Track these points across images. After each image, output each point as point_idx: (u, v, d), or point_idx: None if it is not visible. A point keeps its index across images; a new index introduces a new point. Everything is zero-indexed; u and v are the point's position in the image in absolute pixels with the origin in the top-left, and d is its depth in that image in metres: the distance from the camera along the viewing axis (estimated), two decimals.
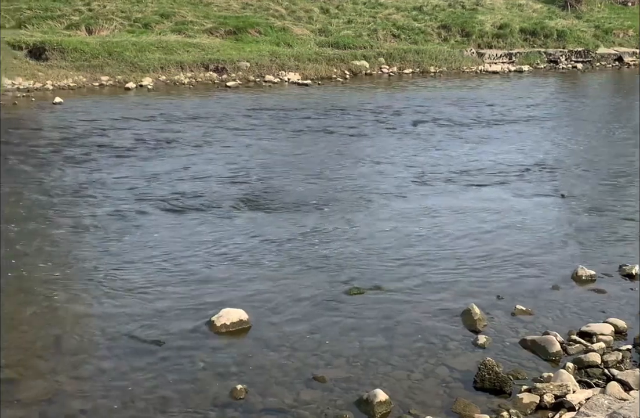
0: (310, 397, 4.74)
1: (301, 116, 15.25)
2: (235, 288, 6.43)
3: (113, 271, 6.76)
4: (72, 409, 4.59)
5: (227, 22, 23.79)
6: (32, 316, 5.86)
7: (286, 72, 21.09)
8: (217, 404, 4.66)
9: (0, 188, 9.43)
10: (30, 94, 17.39)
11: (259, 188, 9.60)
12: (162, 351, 5.32)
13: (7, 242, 7.46)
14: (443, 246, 7.51)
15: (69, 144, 12.20)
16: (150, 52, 20.61)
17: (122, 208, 8.66)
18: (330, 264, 6.99)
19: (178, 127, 13.76)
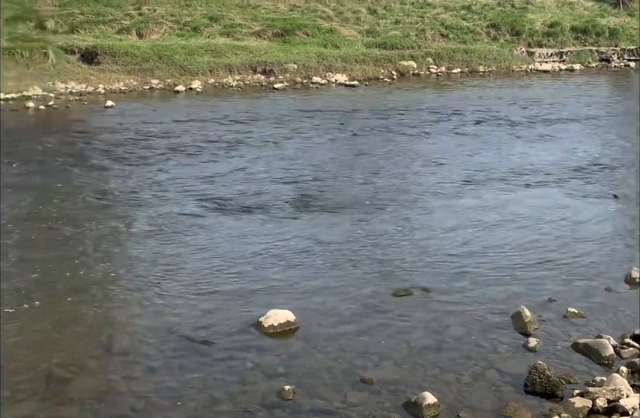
0: (358, 399, 4.73)
1: (351, 116, 15.23)
2: (283, 289, 6.45)
3: (165, 271, 6.84)
4: (124, 408, 4.65)
5: (274, 24, 23.91)
6: (85, 315, 5.95)
7: (333, 74, 21.10)
8: (266, 404, 4.68)
9: (55, 190, 9.62)
10: (83, 98, 17.69)
11: (312, 189, 9.61)
12: (211, 351, 5.37)
13: (65, 242, 7.60)
14: (494, 247, 7.42)
15: (121, 146, 12.37)
16: (199, 56, 20.81)
17: (177, 209, 8.76)
18: (378, 265, 6.97)
19: (229, 129, 13.85)
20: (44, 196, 9.41)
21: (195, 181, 10.04)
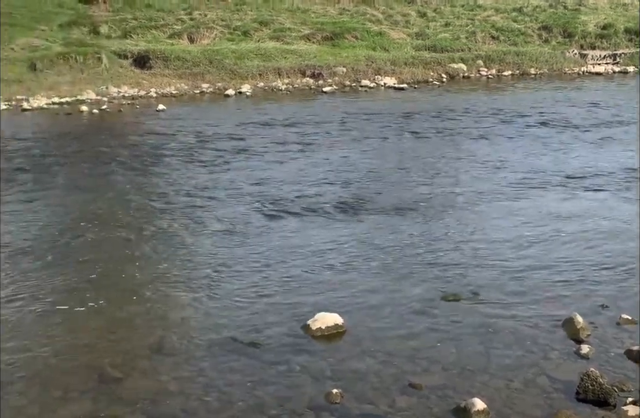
0: (406, 403, 4.70)
1: (402, 119, 15.18)
2: (331, 292, 6.45)
3: (217, 272, 6.90)
4: (174, 408, 4.70)
5: (324, 28, 23.97)
6: (138, 316, 6.04)
7: (382, 77, 21.07)
8: (313, 407, 4.69)
9: (111, 192, 9.79)
10: (135, 102, 17.97)
11: (364, 192, 9.61)
12: (260, 353, 5.40)
13: (121, 244, 7.72)
14: (546, 252, 7.32)
15: (174, 149, 12.53)
16: (249, 60, 20.97)
17: (230, 211, 8.83)
18: (429, 269, 6.93)
19: (279, 132, 13.92)
20: (100, 198, 9.58)
21: (248, 184, 10.12)
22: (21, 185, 10.21)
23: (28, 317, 5.97)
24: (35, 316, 5.99)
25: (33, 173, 10.89)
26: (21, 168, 11.18)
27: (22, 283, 6.64)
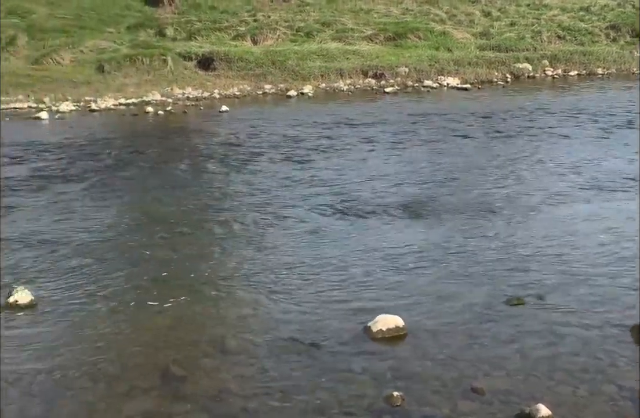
0: (469, 408, 4.64)
1: (469, 119, 15.05)
2: (392, 295, 6.42)
3: (277, 273, 6.94)
4: (235, 407, 4.73)
5: (386, 28, 23.91)
6: (200, 315, 6.11)
7: (445, 77, 20.90)
8: (373, 410, 4.66)
9: (175, 191, 9.94)
10: (199, 103, 18.21)
11: (426, 193, 9.55)
12: (320, 354, 5.40)
13: (184, 243, 7.83)
14: (613, 256, 7.15)
15: (237, 150, 12.66)
16: (312, 60, 21.05)
17: (289, 212, 8.87)
18: (492, 272, 6.83)
19: (342, 133, 13.95)
20: (164, 196, 9.74)
21: (316, 184, 10.17)
22: (89, 185, 10.44)
23: (96, 314, 6.10)
24: (102, 314, 6.11)
25: (100, 173, 11.13)
26: (88, 169, 11.44)
27: (90, 281, 6.79)
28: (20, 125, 15.57)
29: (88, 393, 4.90)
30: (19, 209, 9.16)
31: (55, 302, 6.31)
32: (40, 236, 8.07)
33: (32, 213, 9.04)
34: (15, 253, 7.55)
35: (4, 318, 6.03)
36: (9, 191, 10.07)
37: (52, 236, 8.05)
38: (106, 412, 4.68)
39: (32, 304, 6.22)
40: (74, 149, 12.89)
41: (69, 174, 11.02)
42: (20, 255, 7.47)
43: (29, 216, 8.88)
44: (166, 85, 19.31)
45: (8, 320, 6.00)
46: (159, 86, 19.21)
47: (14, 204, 9.38)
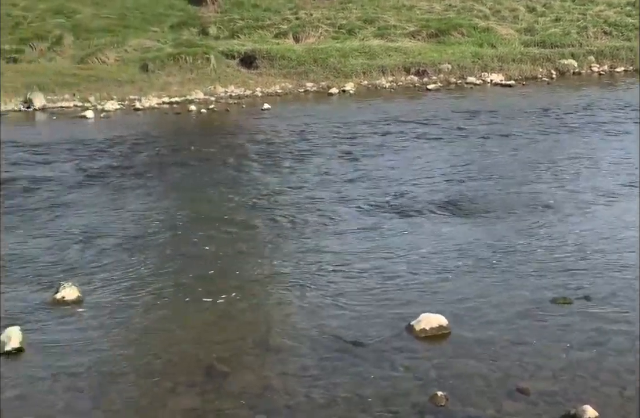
0: (514, 409, 4.59)
1: (513, 116, 14.89)
2: (435, 293, 6.38)
3: (320, 270, 6.95)
4: (278, 404, 4.75)
5: (429, 24, 23.75)
6: (243, 312, 6.15)
7: (489, 73, 20.71)
8: (417, 409, 4.64)
9: (217, 189, 10.02)
10: (241, 101, 18.30)
11: (468, 191, 9.48)
12: (363, 352, 5.39)
13: (226, 240, 7.88)
14: None
15: (279, 147, 12.71)
16: (353, 58, 21.01)
17: (336, 209, 8.87)
18: (536, 271, 6.75)
19: (382, 130, 13.90)
20: (211, 194, 9.81)
21: (358, 182, 10.16)
22: (136, 183, 10.57)
23: (141, 311, 6.18)
24: (148, 310, 6.19)
25: (146, 171, 11.25)
26: (134, 167, 11.57)
27: (136, 277, 6.87)
28: (67, 124, 15.81)
29: (133, 388, 4.97)
30: (65, 206, 9.30)
31: (101, 298, 6.40)
32: (87, 233, 8.19)
33: (78, 209, 9.17)
34: (62, 249, 7.67)
35: (54, 312, 6.13)
36: (56, 188, 10.23)
37: (99, 233, 8.17)
38: (151, 408, 4.74)
39: (79, 300, 6.32)
40: (120, 147, 13.05)
41: (115, 172, 11.16)
42: (67, 251, 7.59)
43: (76, 213, 9.01)
44: (209, 83, 19.44)
45: (56, 316, 6.10)
46: (201, 84, 19.34)
47: (61, 201, 9.53)
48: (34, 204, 9.46)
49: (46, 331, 5.81)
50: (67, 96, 18.10)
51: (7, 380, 5.09)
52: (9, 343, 5.45)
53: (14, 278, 6.90)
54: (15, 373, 5.18)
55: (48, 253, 7.57)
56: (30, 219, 8.80)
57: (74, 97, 18.09)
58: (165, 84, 19.15)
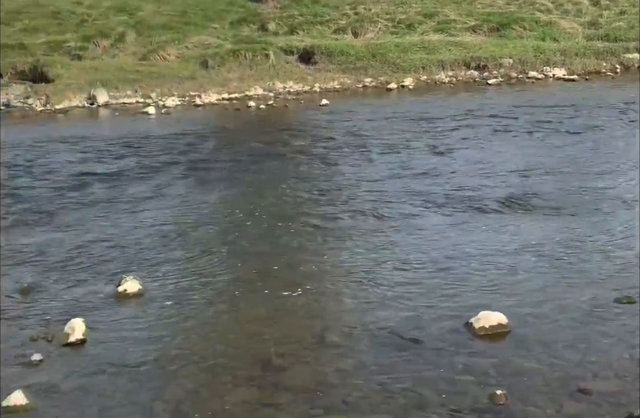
0: (575, 410, 4.51)
1: (578, 111, 14.59)
2: (494, 291, 6.31)
3: (377, 266, 6.93)
4: (335, 400, 4.76)
5: (490, 19, 23.42)
6: (301, 307, 6.17)
7: (551, 68, 20.35)
8: (476, 408, 4.60)
9: (274, 185, 10.08)
10: (300, 97, 18.35)
11: (527, 188, 9.32)
12: (420, 349, 5.36)
13: (281, 236, 7.92)
14: None
15: (338, 143, 12.69)
16: (412, 53, 20.85)
17: (389, 205, 8.83)
18: (599, 269, 6.62)
19: (446, 124, 13.77)
20: (270, 189, 9.87)
21: (407, 177, 10.08)
22: (196, 178, 10.70)
23: (200, 304, 6.25)
24: (207, 304, 6.26)
25: (206, 166, 11.37)
26: (195, 162, 11.71)
27: (196, 271, 6.96)
28: (129, 120, 16.09)
29: (192, 381, 5.03)
30: (129, 201, 9.47)
31: (162, 292, 6.51)
32: (150, 226, 8.32)
33: (142, 204, 9.33)
34: (125, 242, 7.81)
35: (116, 305, 6.26)
36: (120, 183, 10.43)
37: (159, 228, 8.29)
38: (210, 401, 4.79)
39: (140, 293, 6.43)
40: (182, 142, 13.22)
41: (178, 167, 11.31)
42: (130, 244, 7.73)
43: (140, 207, 9.17)
44: (268, 79, 19.53)
45: (118, 308, 6.22)
46: (260, 80, 19.45)
47: (125, 196, 9.70)
48: (97, 198, 9.65)
49: (108, 323, 5.93)
50: (129, 92, 18.40)
51: (70, 371, 5.21)
52: (73, 335, 5.58)
53: (78, 270, 7.06)
54: (78, 364, 5.30)
55: (111, 246, 7.72)
56: (94, 213, 8.99)
57: (136, 94, 18.38)
58: (225, 80, 19.31)
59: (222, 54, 20.19)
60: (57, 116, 16.98)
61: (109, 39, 21.30)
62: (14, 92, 18.25)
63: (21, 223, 8.67)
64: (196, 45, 21.29)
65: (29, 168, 11.47)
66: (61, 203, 9.48)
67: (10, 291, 6.61)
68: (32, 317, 6.06)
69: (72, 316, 5.85)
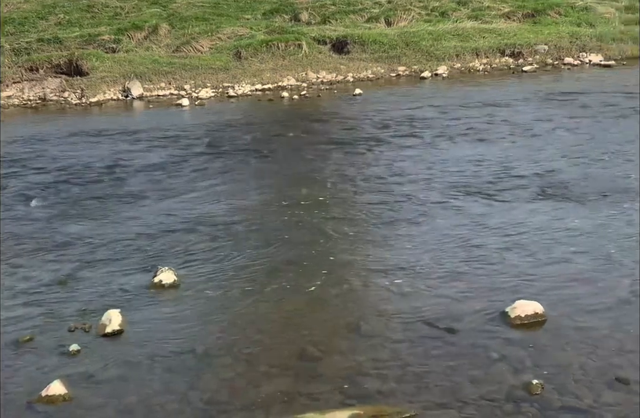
0: (613, 399, 4.46)
1: (615, 98, 14.32)
2: (529, 280, 6.25)
3: (410, 255, 6.91)
4: (370, 389, 4.76)
5: (525, 5, 23.12)
6: (335, 297, 6.18)
7: (587, 54, 20.04)
8: (512, 397, 4.57)
9: (306, 175, 10.08)
10: (333, 87, 18.30)
11: (562, 176, 9.21)
12: (455, 339, 5.34)
13: (312, 226, 7.93)
14: None
15: (371, 133, 12.63)
16: (446, 41, 20.66)
17: (421, 194, 8.79)
18: (633, 258, 6.52)
19: (475, 114, 13.63)
20: (302, 179, 9.89)
21: (439, 167, 10.01)
22: (230, 169, 10.73)
23: (235, 295, 6.29)
24: (241, 294, 6.29)
25: (240, 157, 11.41)
26: (228, 152, 11.75)
27: (229, 262, 6.99)
28: (163, 112, 16.18)
29: (228, 371, 5.07)
30: (165, 192, 9.54)
31: (197, 282, 6.55)
32: (185, 218, 8.38)
33: (177, 195, 9.38)
34: (161, 233, 7.88)
35: (152, 296, 6.32)
36: (156, 174, 10.50)
37: (192, 218, 8.35)
38: (246, 390, 4.82)
39: (175, 284, 6.48)
40: (217, 134, 13.26)
41: (213, 158, 11.36)
42: (162, 236, 7.79)
43: (175, 198, 9.22)
44: (301, 70, 19.50)
45: (154, 299, 6.28)
46: (293, 70, 19.42)
47: (161, 187, 9.77)
48: (132, 190, 9.74)
49: (144, 314, 6.00)
50: (163, 85, 18.50)
51: (107, 361, 5.28)
52: (110, 325, 5.64)
53: (114, 262, 7.14)
54: (116, 355, 5.36)
55: (147, 237, 7.79)
56: (130, 204, 9.08)
57: (170, 86, 18.48)
58: (258, 71, 19.32)
59: (255, 45, 20.19)
60: (92, 109, 17.15)
61: (142, 31, 21.41)
62: (50, 86, 18.47)
63: (58, 215, 8.78)
64: (229, 36, 21.31)
65: (64, 161, 11.61)
66: (97, 194, 9.58)
67: (48, 282, 6.71)
68: (70, 308, 6.15)
69: (108, 307, 5.92)
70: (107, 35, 20.84)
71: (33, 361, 5.31)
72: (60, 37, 20.41)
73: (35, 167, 11.22)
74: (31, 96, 18.30)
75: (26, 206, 9.18)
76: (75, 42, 20.29)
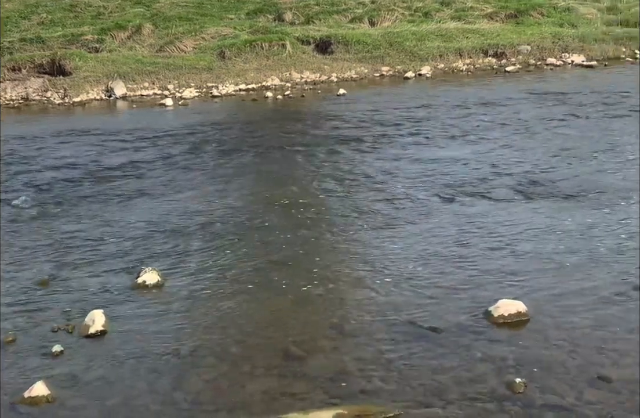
0: (595, 397, 4.50)
1: (597, 97, 14.43)
2: (512, 279, 6.29)
3: (394, 255, 6.93)
4: (354, 389, 4.77)
5: (507, 5, 23.25)
6: (319, 297, 6.18)
7: (569, 54, 20.18)
8: (495, 396, 4.59)
9: (291, 175, 10.08)
10: (317, 87, 18.32)
11: (546, 176, 9.26)
12: (439, 338, 5.36)
13: (300, 226, 7.92)
14: None
15: (354, 133, 12.65)
16: (430, 41, 20.73)
17: (406, 194, 8.82)
18: (617, 257, 6.58)
19: (459, 113, 13.70)
20: (287, 179, 9.89)
21: (424, 166, 10.04)
22: (212, 168, 10.72)
23: (219, 295, 6.28)
24: (225, 294, 6.29)
25: (223, 157, 11.39)
26: (211, 152, 11.74)
27: (213, 262, 6.99)
28: (147, 112, 16.14)
29: (213, 371, 5.06)
30: (148, 192, 9.51)
31: (181, 283, 6.54)
32: (169, 218, 8.36)
33: (161, 195, 9.36)
34: (144, 234, 7.85)
35: (136, 296, 6.30)
36: (140, 174, 10.47)
37: (177, 219, 8.33)
38: (230, 390, 4.82)
39: (159, 284, 6.46)
40: (200, 134, 13.24)
41: (197, 158, 11.34)
42: (147, 237, 7.77)
43: (159, 199, 9.20)
44: (284, 70, 19.50)
45: (137, 300, 6.26)
46: (277, 70, 19.42)
47: (145, 187, 9.74)
48: (116, 190, 9.70)
49: (128, 314, 5.98)
50: (147, 84, 18.44)
51: (91, 362, 5.26)
52: (93, 326, 5.63)
53: (98, 262, 7.11)
54: (98, 355, 5.35)
55: (130, 238, 7.77)
56: (113, 205, 9.04)
57: (153, 86, 18.42)
58: (242, 71, 19.30)
59: (239, 45, 20.17)
60: (75, 109, 17.08)
61: (125, 31, 21.33)
62: (32, 85, 18.37)
63: (41, 214, 8.74)
64: (213, 36, 21.28)
65: (47, 161, 11.55)
66: (80, 194, 9.54)
67: (30, 282, 6.68)
68: (53, 308, 6.12)
69: (92, 308, 5.90)
70: (90, 35, 20.75)
71: (16, 362, 5.28)
72: (42, 37, 20.31)
73: (18, 167, 11.17)
74: (14, 95, 18.21)
75: (9, 205, 9.13)
76: (58, 42, 20.19)
